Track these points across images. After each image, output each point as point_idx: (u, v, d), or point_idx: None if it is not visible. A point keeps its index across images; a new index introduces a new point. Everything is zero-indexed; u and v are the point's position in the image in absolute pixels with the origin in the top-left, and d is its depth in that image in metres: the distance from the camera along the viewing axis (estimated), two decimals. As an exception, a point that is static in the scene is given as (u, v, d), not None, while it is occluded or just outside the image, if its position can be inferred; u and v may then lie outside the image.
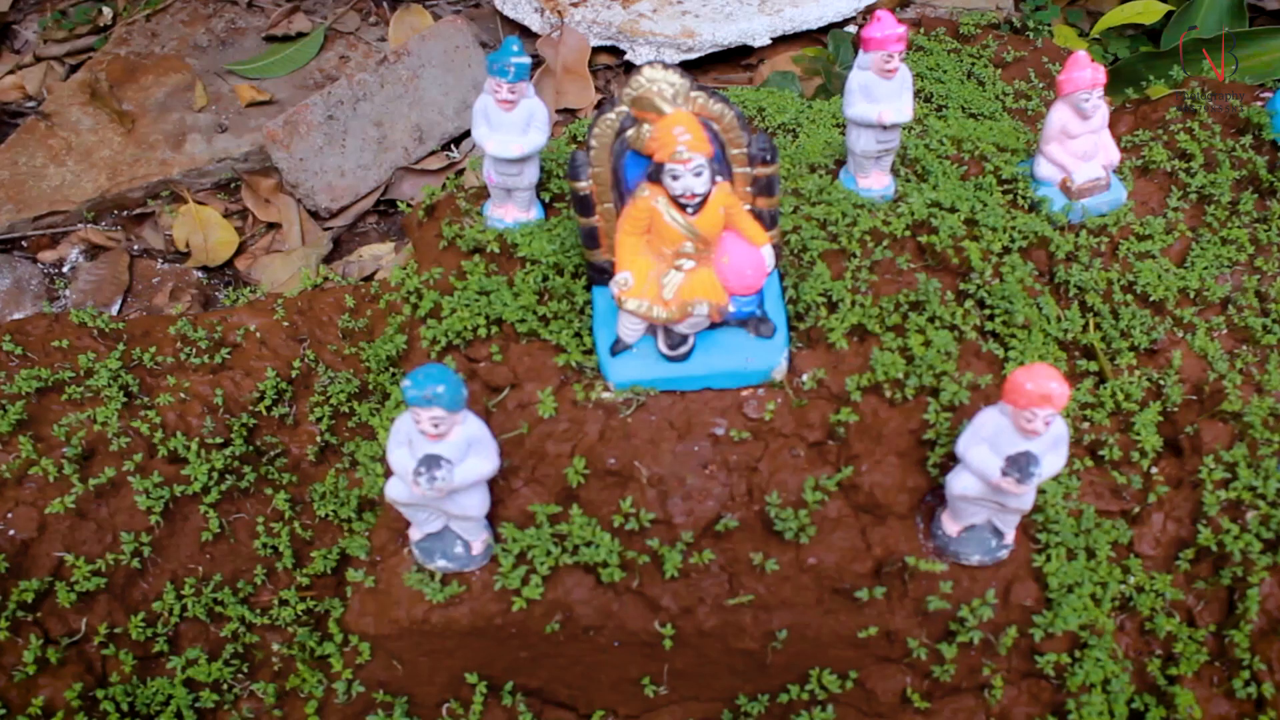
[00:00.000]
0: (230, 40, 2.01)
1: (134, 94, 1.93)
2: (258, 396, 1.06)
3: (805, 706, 0.83)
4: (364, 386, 1.10)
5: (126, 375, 1.04)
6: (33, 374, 1.01)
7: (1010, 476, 0.74)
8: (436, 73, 1.86)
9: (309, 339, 1.14)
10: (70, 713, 0.85)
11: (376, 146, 1.82)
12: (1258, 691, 0.84)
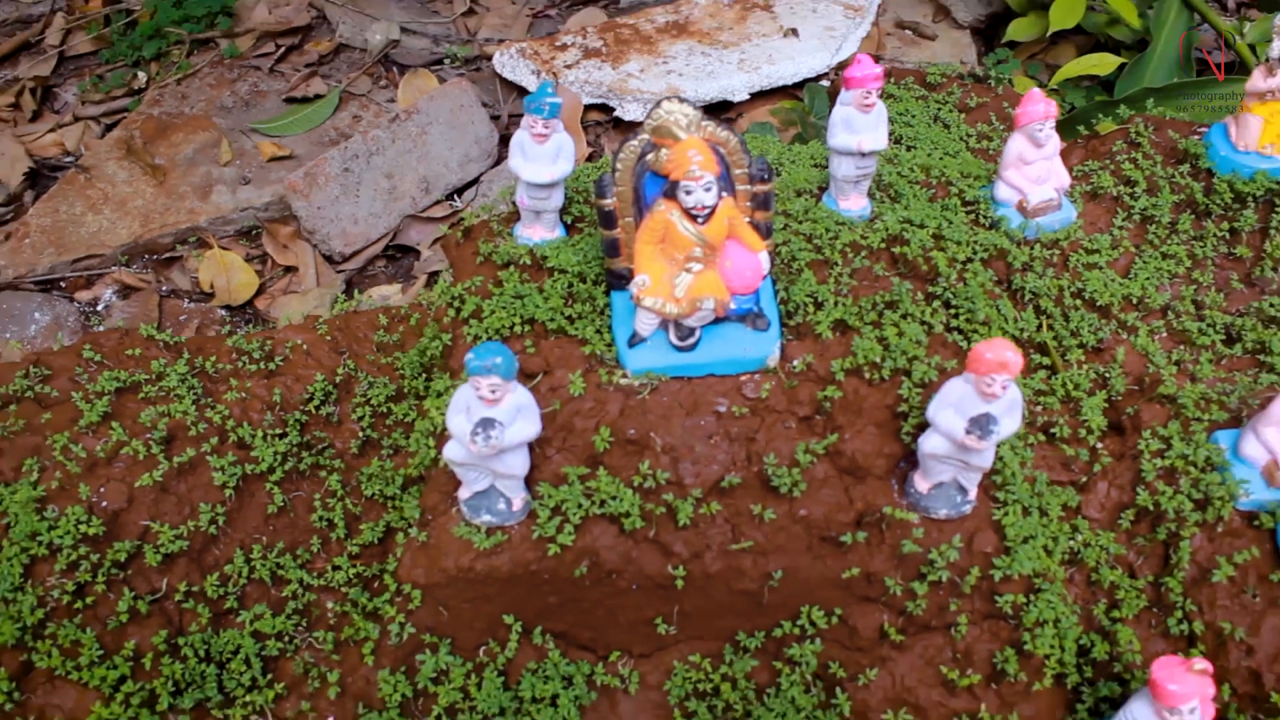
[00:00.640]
0: (253, 101, 2.26)
1: (165, 149, 2.17)
2: (307, 398, 1.26)
3: (796, 640, 1.01)
4: (400, 390, 1.31)
5: (193, 379, 1.24)
6: (112, 375, 1.21)
7: (973, 434, 0.94)
8: (443, 129, 2.11)
9: (348, 351, 1.35)
10: (157, 655, 1.04)
11: (387, 196, 2.06)
12: (1189, 629, 1.03)
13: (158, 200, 2.10)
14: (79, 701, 1.01)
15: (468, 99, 2.11)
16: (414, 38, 2.30)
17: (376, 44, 2.26)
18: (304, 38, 2.30)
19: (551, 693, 1.01)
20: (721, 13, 2.24)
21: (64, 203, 2.10)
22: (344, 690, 1.02)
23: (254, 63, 2.27)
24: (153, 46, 2.26)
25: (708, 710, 1.01)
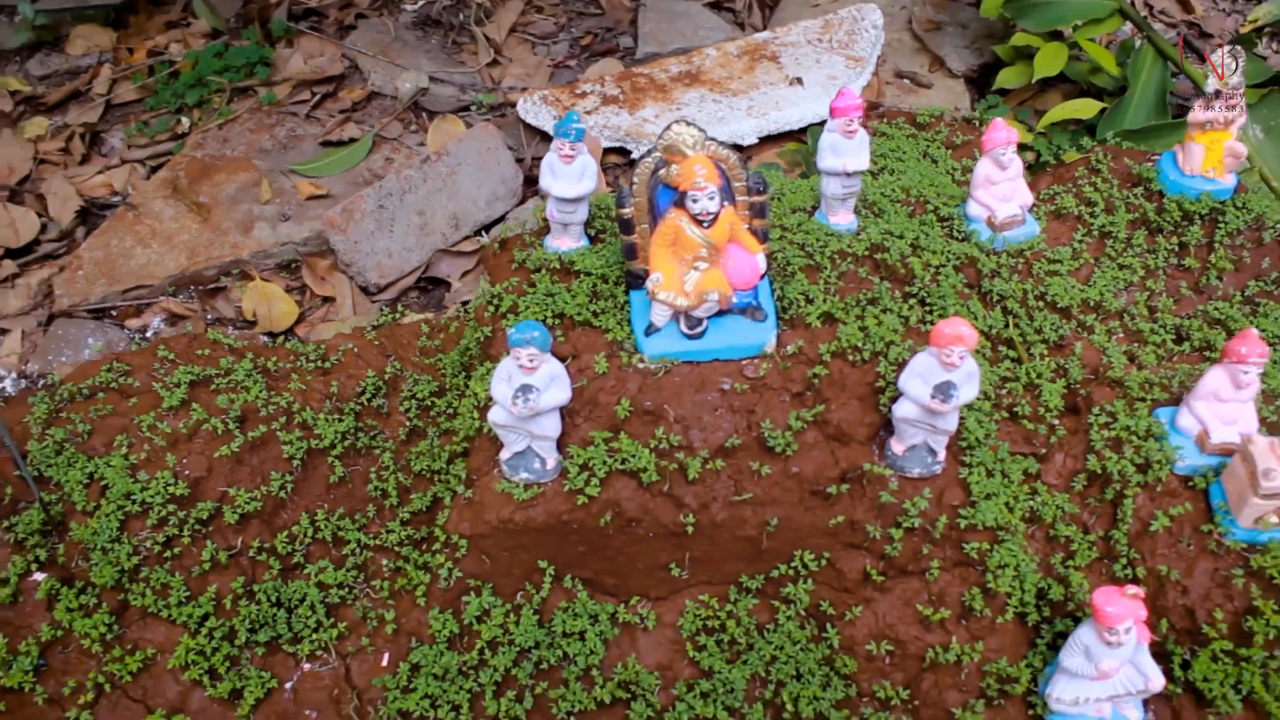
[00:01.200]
0: (291, 145, 2.55)
1: (209, 189, 2.45)
2: (360, 391, 1.50)
3: (791, 581, 1.24)
4: (442, 387, 1.55)
5: (257, 374, 1.49)
6: (187, 370, 1.46)
7: (937, 398, 1.18)
8: (471, 170, 2.39)
9: (394, 355, 1.60)
10: (235, 599, 1.27)
11: (419, 232, 2.33)
12: (1133, 574, 1.26)
13: (203, 235, 2.37)
14: (168, 635, 1.24)
15: (494, 142, 2.39)
16: (442, 86, 2.59)
17: (406, 92, 2.55)
18: (338, 86, 2.59)
19: (580, 628, 1.23)
20: (731, 63, 2.53)
21: (114, 237, 2.37)
22: (399, 629, 1.25)
23: (291, 109, 2.56)
24: (195, 94, 2.55)
25: (715, 644, 1.24)
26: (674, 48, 2.64)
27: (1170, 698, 1.23)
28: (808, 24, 2.57)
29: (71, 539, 1.26)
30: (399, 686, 1.20)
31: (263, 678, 1.22)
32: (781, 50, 2.53)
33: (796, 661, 1.23)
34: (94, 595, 1.23)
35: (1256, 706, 1.21)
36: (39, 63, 2.68)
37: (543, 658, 1.22)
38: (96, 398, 1.41)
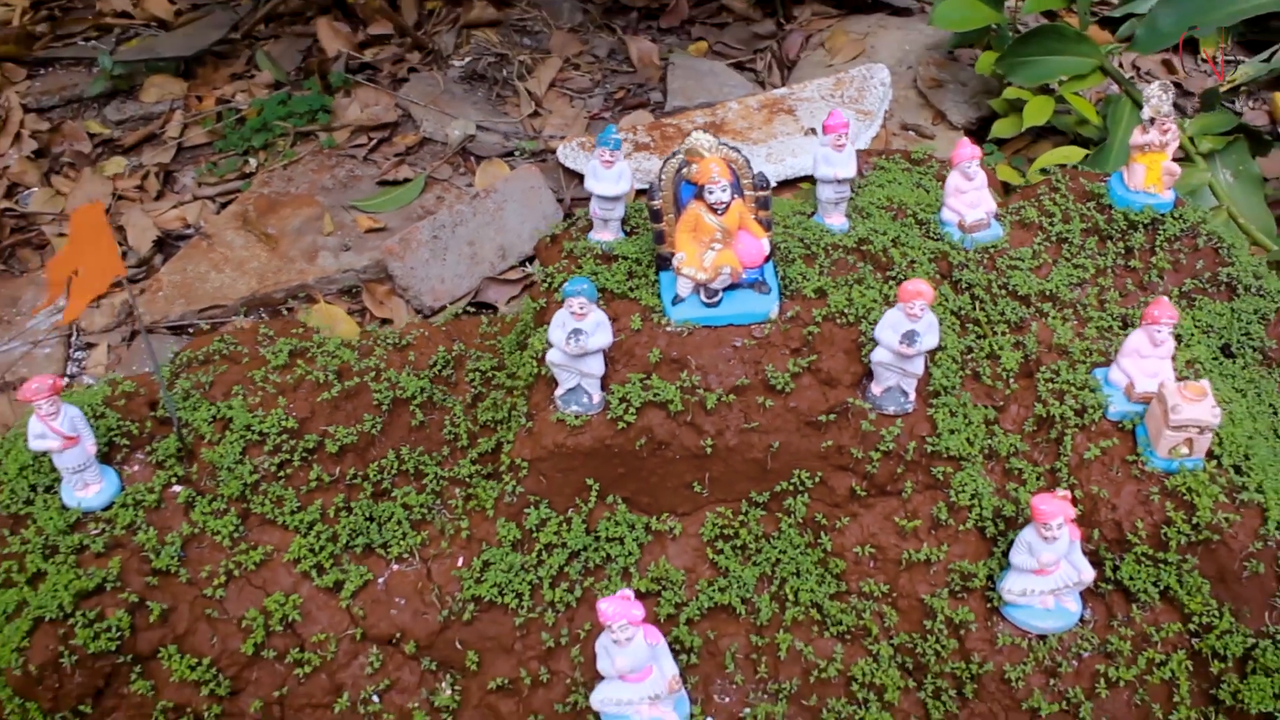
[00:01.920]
0: (350, 184, 3.04)
1: (276, 222, 2.93)
2: (432, 363, 1.95)
3: (790, 495, 1.66)
4: (500, 363, 2.00)
5: (345, 348, 1.94)
6: (287, 341, 1.92)
7: (904, 343, 1.62)
8: (516, 206, 2.86)
9: (459, 339, 2.05)
10: (336, 511, 1.70)
11: (469, 260, 2.79)
12: (1073, 496, 1.67)
13: (271, 263, 2.85)
14: (283, 538, 1.67)
15: (537, 182, 2.88)
16: (487, 133, 3.09)
17: (455, 138, 3.05)
18: (392, 132, 3.10)
19: (620, 535, 1.66)
20: (751, 115, 3.02)
21: (190, 263, 2.85)
22: (471, 536, 1.68)
23: (350, 152, 3.06)
24: (260, 138, 3.06)
25: (730, 548, 1.66)
26: (699, 102, 3.14)
27: (1103, 594, 1.63)
28: (821, 81, 3.07)
29: (202, 460, 1.70)
30: (473, 578, 1.62)
31: (360, 571, 1.65)
32: (798, 104, 3.02)
33: (796, 562, 1.64)
34: (222, 503, 1.66)
35: (1171, 599, 1.61)
36: (115, 109, 3.19)
37: (589, 558, 1.64)
38: (213, 361, 1.86)
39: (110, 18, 3.41)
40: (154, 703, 1.54)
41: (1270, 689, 1.56)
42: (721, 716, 1.55)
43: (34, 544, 1.57)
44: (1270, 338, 1.99)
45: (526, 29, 3.40)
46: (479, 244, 2.77)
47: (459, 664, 1.61)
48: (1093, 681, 1.56)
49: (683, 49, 3.38)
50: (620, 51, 3.37)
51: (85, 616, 1.51)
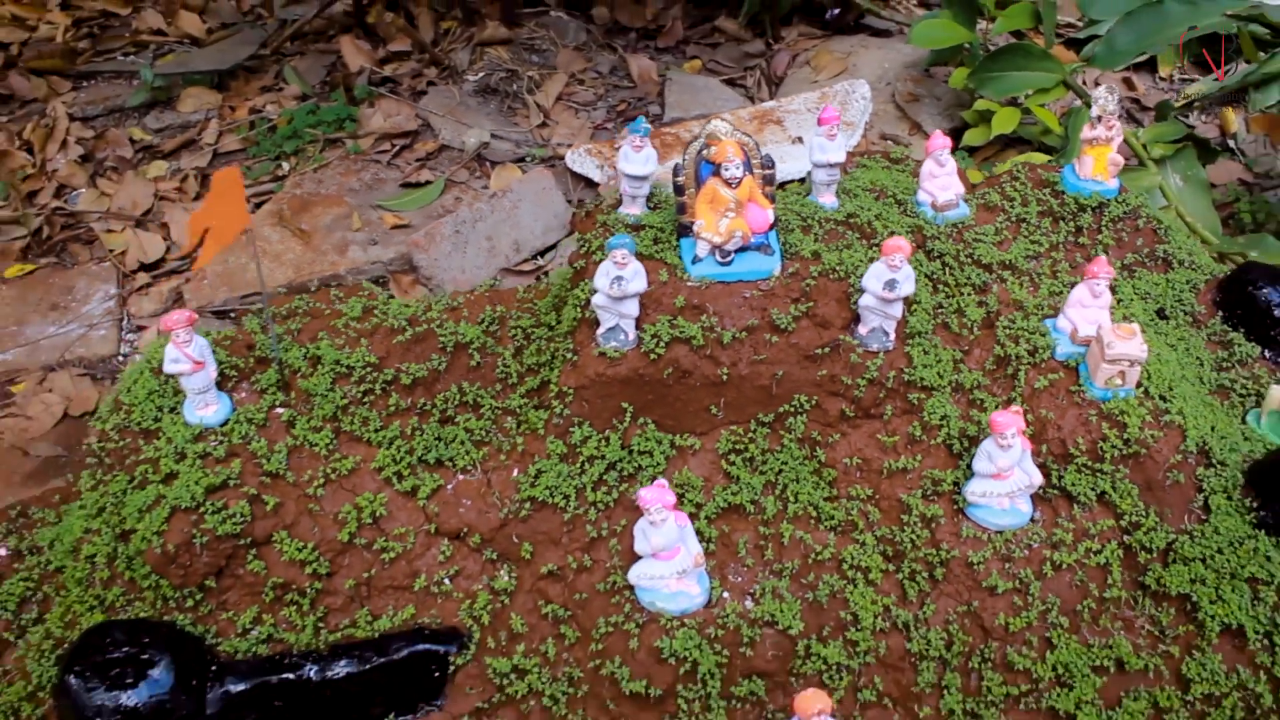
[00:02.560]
0: (375, 186, 3.56)
1: (308, 219, 3.44)
2: (481, 320, 2.45)
3: (791, 416, 2.17)
4: (538, 320, 2.50)
5: (405, 307, 2.45)
6: (358, 300, 2.42)
7: (886, 290, 2.14)
8: (530, 205, 3.39)
9: (500, 303, 2.56)
10: (412, 431, 2.20)
11: (487, 254, 3.31)
12: (1024, 415, 2.19)
13: (305, 255, 3.35)
14: (368, 451, 2.16)
15: (549, 184, 3.41)
16: (500, 141, 3.62)
17: (471, 145, 3.58)
18: (413, 139, 3.62)
19: (649, 449, 2.15)
20: (743, 125, 3.56)
21: (231, 255, 3.36)
22: (525, 451, 2.18)
23: (374, 157, 3.57)
24: (292, 144, 3.57)
25: (741, 460, 2.16)
26: (695, 114, 3.69)
27: (1050, 498, 2.14)
28: (807, 95, 3.62)
29: (298, 389, 2.19)
30: (528, 483, 2.12)
31: (433, 479, 2.14)
32: (785, 116, 3.57)
33: (796, 471, 2.15)
34: (318, 421, 2.15)
35: (1106, 501, 2.13)
36: (154, 118, 3.70)
37: (624, 468, 2.14)
38: (296, 315, 2.36)
39: (146, 34, 3.93)
40: (265, 580, 2.02)
41: (1187, 575, 2.07)
42: (735, 591, 2.04)
43: (165, 451, 2.06)
44: (1199, 304, 2.53)
45: (535, 47, 3.95)
46: (496, 239, 3.28)
47: (515, 555, 2.11)
48: (1040, 566, 2.07)
49: (679, 66, 3.93)
50: (621, 68, 3.91)
51: (213, 505, 1.99)
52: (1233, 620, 2.02)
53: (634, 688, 1.92)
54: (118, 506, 2.05)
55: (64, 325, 3.26)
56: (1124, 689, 2.02)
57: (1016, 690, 2.00)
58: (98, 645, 1.91)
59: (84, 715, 1.88)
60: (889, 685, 2.02)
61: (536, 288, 2.54)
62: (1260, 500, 2.10)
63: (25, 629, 2.14)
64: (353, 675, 1.96)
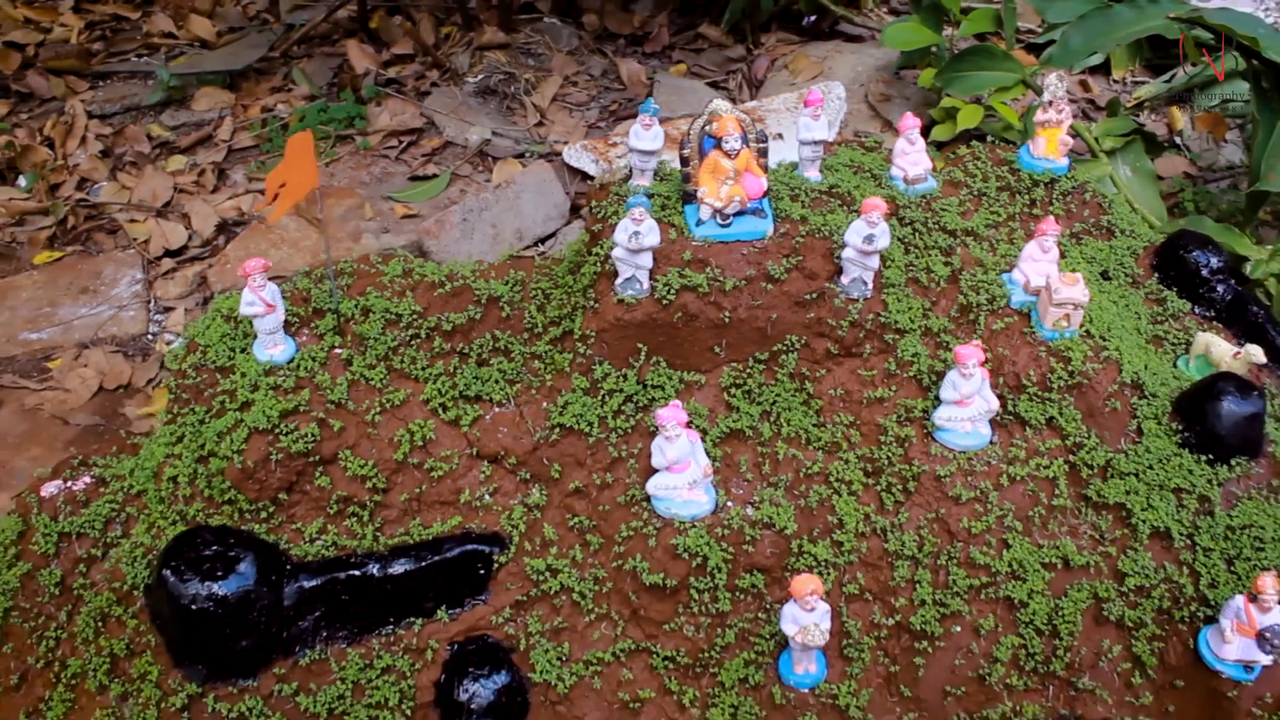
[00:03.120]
0: (384, 179, 4.07)
1: (323, 209, 3.94)
2: (506, 280, 2.97)
3: (783, 354, 2.69)
4: (556, 283, 3.02)
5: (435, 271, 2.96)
6: (398, 261, 2.93)
7: (865, 244, 2.68)
8: (532, 195, 3.91)
9: (519, 269, 3.07)
10: (454, 370, 2.70)
11: (492, 240, 3.83)
12: (984, 352, 2.72)
13: (321, 241, 3.85)
14: (416, 386, 2.65)
15: (548, 177, 3.93)
16: (501, 138, 4.14)
17: (474, 142, 4.10)
18: (419, 136, 4.13)
19: (661, 383, 2.66)
20: (727, 121, 4.08)
21: (252, 242, 3.85)
22: (553, 386, 2.68)
23: (383, 153, 4.09)
24: None
25: (741, 393, 2.68)
26: (682, 113, 4.23)
27: (1006, 424, 2.67)
28: (786, 96, 4.17)
29: (353, 333, 2.69)
30: (557, 412, 2.62)
31: (473, 410, 2.63)
32: (766, 115, 4.11)
33: (788, 402, 2.67)
34: (372, 359, 2.65)
35: (1054, 425, 2.65)
36: (170, 116, 4.20)
37: (639, 400, 2.65)
38: (343, 274, 2.86)
39: (157, 37, 4.43)
40: (330, 494, 2.51)
41: (1123, 487, 2.60)
42: (738, 500, 2.55)
43: (241, 384, 2.55)
44: (1138, 267, 3.08)
45: (531, 51, 4.48)
46: (500, 227, 3.80)
47: (545, 475, 2.61)
48: (998, 479, 2.59)
49: (665, 70, 4.48)
50: (612, 71, 4.45)
51: (286, 428, 2.48)
52: (1161, 524, 2.54)
53: (653, 580, 2.41)
54: (198, 433, 2.53)
55: (94, 307, 3.74)
56: (1069, 582, 2.54)
57: (978, 582, 2.51)
58: (190, 545, 2.38)
59: (180, 604, 2.34)
60: (869, 581, 2.53)
61: (552, 256, 3.05)
62: (1184, 425, 2.63)
63: (110, 545, 2.61)
64: (410, 572, 2.44)
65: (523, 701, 2.39)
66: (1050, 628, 2.48)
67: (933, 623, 2.46)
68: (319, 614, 2.39)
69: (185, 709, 2.32)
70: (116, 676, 2.46)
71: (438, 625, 2.44)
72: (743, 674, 2.42)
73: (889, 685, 2.47)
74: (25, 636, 2.57)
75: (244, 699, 2.33)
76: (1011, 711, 2.44)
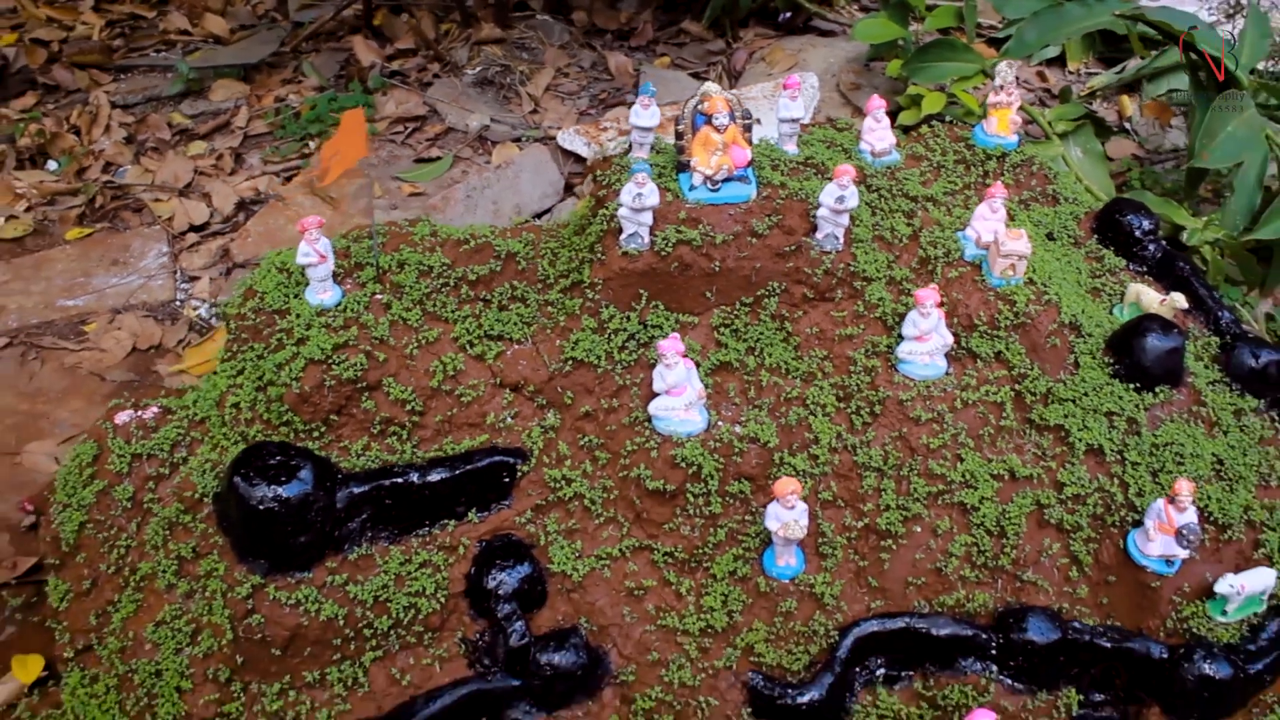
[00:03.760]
0: (392, 161, 4.69)
1: (335, 188, 4.56)
2: (519, 241, 3.59)
3: (766, 298, 3.30)
4: (563, 243, 3.64)
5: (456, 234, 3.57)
6: (425, 224, 3.54)
7: (836, 204, 3.31)
8: (529, 175, 4.54)
9: (528, 233, 3.69)
10: (480, 313, 3.32)
11: (493, 216, 4.45)
12: (940, 295, 3.35)
13: (335, 217, 4.46)
14: (447, 326, 3.25)
15: (544, 158, 4.56)
16: (499, 125, 4.77)
17: (474, 127, 4.72)
18: (423, 123, 4.75)
19: (660, 323, 3.26)
20: (711, 109, 4.73)
21: (270, 218, 4.45)
22: (565, 327, 3.30)
23: (389, 138, 4.70)
24: (316, 127, 4.69)
25: (729, 332, 3.29)
26: (666, 101, 4.87)
27: (959, 357, 3.30)
28: (764, 85, 4.82)
29: (391, 282, 3.31)
30: (570, 347, 3.24)
31: (496, 347, 3.24)
32: (746, 101, 4.75)
33: (770, 338, 3.29)
34: (409, 303, 3.26)
35: (1002, 359, 3.28)
36: (189, 105, 4.80)
37: (641, 337, 3.25)
38: (378, 234, 3.48)
39: (173, 34, 5.04)
40: (374, 416, 3.10)
41: (1062, 411, 3.22)
42: (727, 420, 3.16)
43: (296, 323, 3.14)
44: (1079, 230, 3.72)
45: (525, 45, 5.11)
46: (500, 203, 4.42)
47: (559, 401, 3.21)
48: (953, 403, 3.21)
49: (650, 63, 5.12)
50: (601, 64, 5.09)
51: (338, 359, 3.08)
52: (1095, 442, 3.17)
53: (654, 486, 3.02)
54: (257, 365, 3.13)
55: (125, 277, 4.33)
56: (1015, 491, 3.16)
57: (935, 490, 3.12)
58: (257, 456, 2.96)
59: (248, 506, 2.91)
60: (841, 489, 3.14)
61: (558, 221, 3.68)
62: (1115, 358, 3.26)
63: (176, 465, 3.20)
64: (444, 480, 3.03)
65: (542, 590, 2.98)
66: (999, 529, 3.08)
67: (896, 524, 3.06)
68: (366, 516, 2.96)
69: (249, 597, 2.88)
70: (183, 576, 3.01)
71: (468, 526, 3.02)
72: (732, 567, 3.02)
73: (859, 578, 3.07)
74: (98, 547, 3.12)
75: (300, 588, 2.90)
76: (965, 599, 3.05)
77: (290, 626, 2.84)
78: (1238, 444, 3.22)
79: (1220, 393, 3.31)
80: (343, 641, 2.87)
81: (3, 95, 4.57)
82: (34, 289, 4.17)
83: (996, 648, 2.96)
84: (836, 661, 2.88)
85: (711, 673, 2.89)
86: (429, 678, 2.92)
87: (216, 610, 2.86)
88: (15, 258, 4.26)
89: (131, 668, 2.94)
